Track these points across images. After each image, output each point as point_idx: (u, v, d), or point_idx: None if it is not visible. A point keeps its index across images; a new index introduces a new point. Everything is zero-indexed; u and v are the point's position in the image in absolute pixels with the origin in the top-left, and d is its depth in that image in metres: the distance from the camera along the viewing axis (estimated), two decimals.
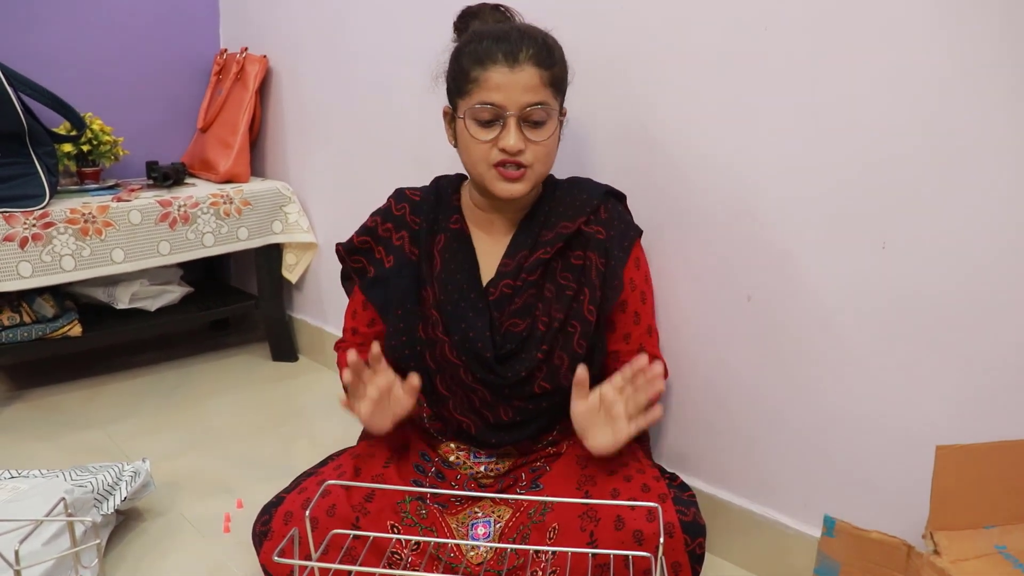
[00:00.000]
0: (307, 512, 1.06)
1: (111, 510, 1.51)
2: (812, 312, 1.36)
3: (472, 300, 1.40)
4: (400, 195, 1.52)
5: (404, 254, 1.45)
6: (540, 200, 1.45)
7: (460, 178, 1.53)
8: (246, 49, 2.48)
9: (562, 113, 1.40)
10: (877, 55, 1.20)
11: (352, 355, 1.28)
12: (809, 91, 1.28)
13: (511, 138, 1.30)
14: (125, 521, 1.63)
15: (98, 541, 1.25)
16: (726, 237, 1.44)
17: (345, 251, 1.51)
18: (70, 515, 1.32)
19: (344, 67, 2.21)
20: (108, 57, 2.45)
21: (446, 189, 1.51)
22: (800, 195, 1.33)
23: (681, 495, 1.34)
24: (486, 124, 1.33)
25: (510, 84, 1.29)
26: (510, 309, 1.39)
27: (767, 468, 1.48)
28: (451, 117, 1.41)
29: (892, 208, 1.22)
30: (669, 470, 1.48)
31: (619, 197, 1.49)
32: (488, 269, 1.44)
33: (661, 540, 0.96)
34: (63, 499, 1.32)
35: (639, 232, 1.46)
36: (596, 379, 1.36)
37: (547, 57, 1.32)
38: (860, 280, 1.28)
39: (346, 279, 1.56)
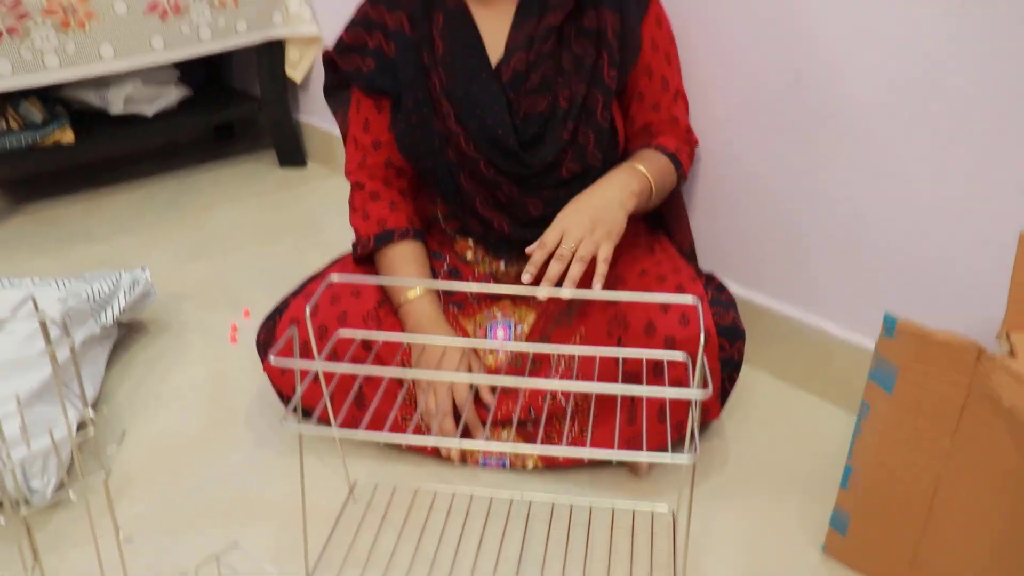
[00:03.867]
0: (308, 306, 0.95)
1: (110, 321, 1.43)
2: (869, 94, 1.19)
3: (484, 81, 1.23)
4: None
5: (405, 37, 1.27)
6: None
7: None
8: None
9: None
10: None
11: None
12: None
13: None
14: (128, 333, 1.57)
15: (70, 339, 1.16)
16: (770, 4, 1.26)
17: (337, 53, 1.33)
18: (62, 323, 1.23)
19: None
20: None
21: None
22: None
23: (719, 297, 1.24)
24: None
25: None
26: (527, 88, 1.23)
27: (810, 269, 1.35)
28: None
29: None
30: (705, 270, 1.36)
31: None
32: (495, 48, 1.26)
33: (702, 338, 0.84)
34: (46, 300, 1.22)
35: None
36: (621, 159, 1.25)
37: None
38: (928, 60, 1.11)
39: (333, 91, 1.39)
